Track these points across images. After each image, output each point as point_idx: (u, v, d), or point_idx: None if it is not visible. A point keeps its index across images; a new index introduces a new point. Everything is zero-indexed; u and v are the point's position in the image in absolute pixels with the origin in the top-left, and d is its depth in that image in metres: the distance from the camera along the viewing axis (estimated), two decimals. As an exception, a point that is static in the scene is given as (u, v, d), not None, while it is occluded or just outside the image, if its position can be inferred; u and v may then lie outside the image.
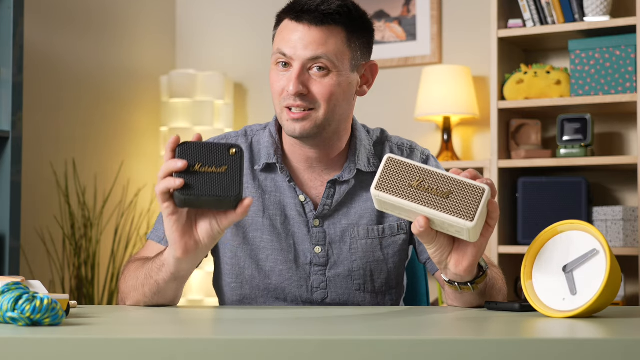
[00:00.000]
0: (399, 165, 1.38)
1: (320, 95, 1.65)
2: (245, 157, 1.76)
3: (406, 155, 1.80)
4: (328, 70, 1.66)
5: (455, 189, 1.35)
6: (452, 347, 1.05)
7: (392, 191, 1.37)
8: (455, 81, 3.59)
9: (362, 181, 1.75)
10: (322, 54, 1.64)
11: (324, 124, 1.67)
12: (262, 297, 1.73)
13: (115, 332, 1.19)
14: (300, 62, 1.65)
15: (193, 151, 1.38)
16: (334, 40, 1.66)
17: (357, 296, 1.72)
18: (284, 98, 1.67)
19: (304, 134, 1.67)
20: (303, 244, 1.72)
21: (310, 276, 1.72)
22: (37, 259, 3.57)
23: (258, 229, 1.73)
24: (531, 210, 3.37)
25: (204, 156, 1.38)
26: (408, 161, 1.38)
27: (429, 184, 1.36)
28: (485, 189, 1.35)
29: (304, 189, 1.75)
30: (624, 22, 3.24)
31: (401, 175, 1.37)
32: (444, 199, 1.35)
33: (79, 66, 3.82)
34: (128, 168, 4.03)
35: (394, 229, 1.75)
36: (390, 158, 1.38)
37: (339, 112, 1.69)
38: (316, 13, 1.65)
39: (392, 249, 1.74)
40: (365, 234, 1.73)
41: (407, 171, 1.37)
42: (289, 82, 1.65)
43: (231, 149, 1.38)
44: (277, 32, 1.71)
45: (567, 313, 1.34)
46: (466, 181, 1.36)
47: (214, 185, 1.37)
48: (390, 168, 1.38)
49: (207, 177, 1.37)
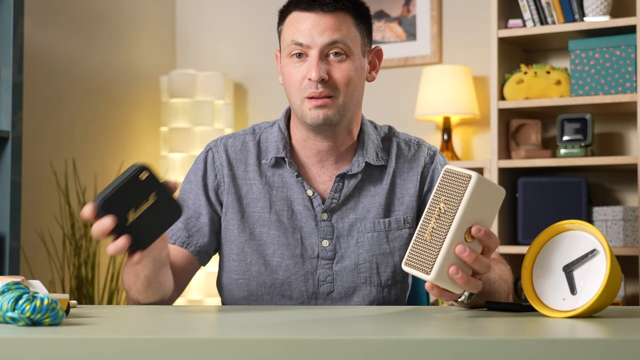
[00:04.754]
0: (463, 187, 1.31)
1: (340, 80, 1.68)
2: (253, 153, 1.79)
3: (413, 151, 1.82)
4: (345, 55, 1.69)
5: (432, 245, 1.31)
6: (452, 347, 1.05)
7: (440, 184, 1.33)
8: (455, 81, 3.59)
9: (370, 175, 1.77)
10: (339, 38, 1.67)
11: (344, 110, 1.70)
12: (267, 294, 1.73)
13: (115, 332, 1.19)
14: (318, 48, 1.67)
15: (116, 204, 1.31)
16: (346, 25, 1.69)
17: (363, 289, 1.74)
18: (305, 88, 1.68)
19: (327, 120, 1.69)
20: (310, 238, 1.74)
21: (317, 269, 1.73)
22: (37, 259, 3.57)
23: (265, 225, 1.74)
24: (531, 210, 3.37)
25: (128, 200, 1.32)
26: (468, 196, 1.30)
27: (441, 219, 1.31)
28: (430, 275, 1.29)
29: (312, 184, 1.76)
30: (624, 22, 3.24)
31: (454, 189, 1.32)
32: (424, 236, 1.32)
33: (79, 66, 3.82)
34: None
35: (400, 222, 1.76)
36: (470, 177, 1.31)
37: (356, 98, 1.72)
38: (326, 0, 1.68)
39: (398, 242, 1.75)
40: (372, 227, 1.75)
41: (456, 195, 1.31)
42: (309, 70, 1.67)
43: (140, 176, 1.32)
44: (285, 26, 1.73)
45: (567, 313, 1.33)
46: (439, 256, 1.30)
47: (159, 218, 1.34)
48: (462, 178, 1.32)
49: (146, 217, 1.33)
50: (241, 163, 1.78)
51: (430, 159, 1.81)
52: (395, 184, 1.78)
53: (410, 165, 1.80)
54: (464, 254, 1.31)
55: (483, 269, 1.33)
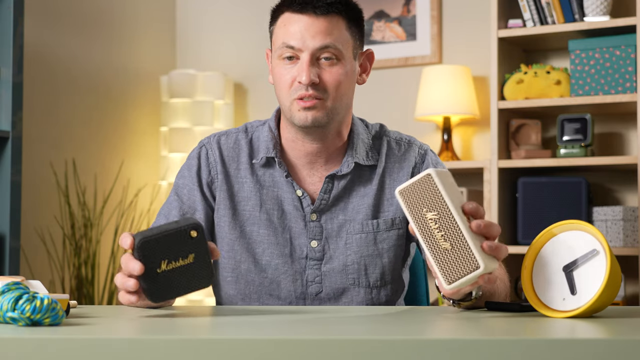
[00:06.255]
0: (432, 187, 1.31)
1: (330, 84, 1.68)
2: (245, 152, 1.79)
3: (404, 150, 1.80)
4: (336, 59, 1.69)
5: (457, 247, 1.30)
6: (452, 347, 1.05)
7: (409, 206, 1.33)
8: (455, 81, 3.59)
9: (360, 175, 1.77)
10: (330, 42, 1.67)
11: (333, 113, 1.70)
12: (255, 292, 1.74)
13: (115, 332, 1.19)
14: (310, 52, 1.67)
15: (154, 249, 1.30)
16: (338, 29, 1.69)
17: (351, 291, 1.73)
18: (295, 90, 1.68)
19: (315, 122, 1.69)
20: (299, 238, 1.73)
21: (306, 270, 1.73)
22: (37, 259, 3.57)
23: (255, 223, 1.74)
24: (531, 210, 3.37)
25: (166, 251, 1.31)
26: (441, 189, 1.31)
27: (441, 224, 1.31)
28: (480, 266, 1.29)
29: (302, 184, 1.76)
30: (624, 22, 3.24)
31: (426, 196, 1.32)
32: (442, 249, 1.30)
33: (79, 66, 3.82)
34: (128, 168, 4.03)
35: (389, 224, 1.76)
36: (429, 175, 1.32)
37: (345, 101, 1.72)
38: (319, 2, 1.67)
39: (386, 243, 1.75)
40: (360, 228, 1.74)
41: (432, 197, 1.31)
42: (300, 72, 1.67)
43: (192, 232, 1.31)
44: (277, 27, 1.72)
45: (567, 313, 1.33)
46: (471, 248, 1.29)
47: (186, 281, 1.32)
48: (423, 184, 1.32)
49: (176, 274, 1.32)
50: (233, 161, 1.79)
51: (422, 158, 1.80)
52: (384, 183, 1.77)
53: (401, 165, 1.79)
54: (481, 228, 1.30)
55: (496, 231, 1.33)
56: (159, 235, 1.30)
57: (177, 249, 1.31)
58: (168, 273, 1.31)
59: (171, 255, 1.31)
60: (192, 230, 1.31)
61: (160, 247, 1.30)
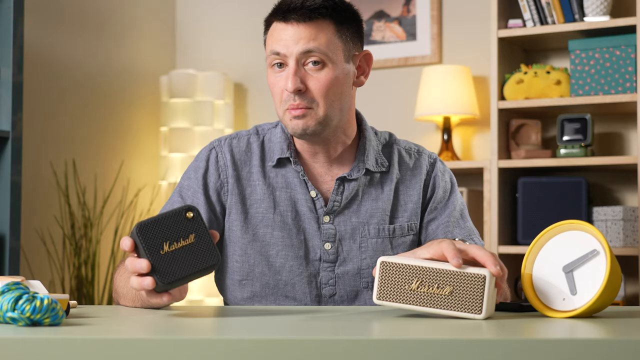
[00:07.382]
0: (395, 268, 1.33)
1: (318, 91, 1.68)
2: (257, 154, 1.79)
3: (414, 159, 1.82)
4: (323, 64, 1.68)
5: (457, 283, 1.31)
6: (452, 347, 1.05)
7: (395, 298, 1.33)
8: (455, 81, 3.59)
9: (371, 180, 1.78)
10: (314, 47, 1.67)
11: (326, 120, 1.70)
12: (271, 295, 1.74)
13: (115, 332, 1.19)
14: (294, 57, 1.67)
15: (153, 232, 1.32)
16: (324, 33, 1.68)
17: (365, 294, 1.74)
18: (285, 100, 1.69)
19: (307, 130, 1.69)
20: (313, 240, 1.74)
21: (320, 272, 1.73)
22: (37, 259, 3.57)
23: (268, 225, 1.74)
24: (531, 210, 3.37)
25: (166, 232, 1.33)
26: (402, 262, 1.33)
27: (429, 282, 1.32)
28: (486, 275, 1.30)
29: (315, 184, 1.77)
30: (624, 22, 3.24)
31: (399, 279, 1.33)
32: (448, 296, 1.31)
33: (79, 66, 3.82)
34: (128, 168, 4.03)
35: (404, 229, 1.77)
36: (384, 262, 1.34)
37: (338, 106, 1.71)
38: (302, 10, 1.67)
39: (401, 248, 1.76)
40: (376, 233, 1.75)
41: (404, 274, 1.33)
42: (286, 80, 1.68)
43: (187, 213, 1.34)
44: (268, 36, 1.74)
45: (567, 313, 1.34)
46: (466, 272, 1.30)
47: (192, 259, 1.33)
48: (386, 273, 1.34)
49: (181, 254, 1.33)
50: (245, 164, 1.79)
51: (432, 167, 1.83)
52: (398, 191, 1.79)
53: (413, 173, 1.81)
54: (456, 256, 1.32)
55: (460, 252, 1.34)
56: (156, 218, 1.33)
57: (176, 230, 1.33)
58: (172, 254, 1.33)
59: (171, 236, 1.33)
60: (188, 212, 1.34)
61: (158, 229, 1.33)
